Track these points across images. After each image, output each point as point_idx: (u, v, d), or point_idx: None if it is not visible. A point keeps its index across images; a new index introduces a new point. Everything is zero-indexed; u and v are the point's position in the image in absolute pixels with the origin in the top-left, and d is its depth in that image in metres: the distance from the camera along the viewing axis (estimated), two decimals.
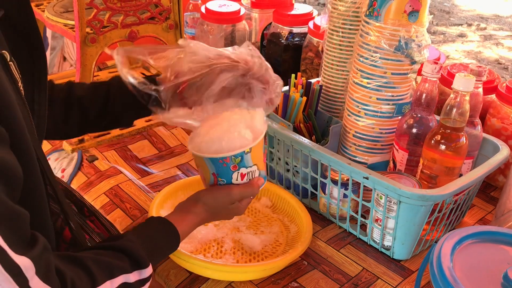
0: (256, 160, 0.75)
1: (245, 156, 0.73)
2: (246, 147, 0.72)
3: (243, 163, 0.73)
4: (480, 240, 0.70)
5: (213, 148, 0.72)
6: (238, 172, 0.74)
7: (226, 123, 0.73)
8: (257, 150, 0.75)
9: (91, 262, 0.60)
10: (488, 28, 4.57)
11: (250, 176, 0.76)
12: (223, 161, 0.72)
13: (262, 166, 0.77)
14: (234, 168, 0.73)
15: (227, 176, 0.74)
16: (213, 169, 0.73)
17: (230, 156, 0.72)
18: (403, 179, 0.89)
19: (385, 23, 0.88)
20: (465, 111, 0.84)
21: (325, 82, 1.09)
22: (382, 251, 0.93)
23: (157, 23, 1.21)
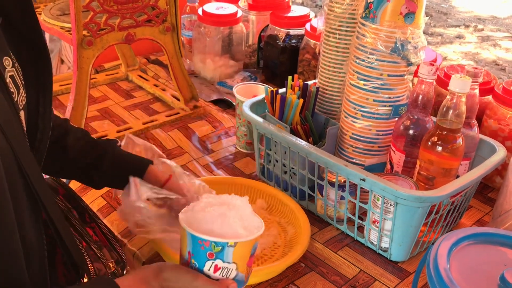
0: (237, 259, 0.67)
1: (227, 248, 0.66)
2: (231, 239, 0.66)
3: (221, 254, 0.66)
4: (477, 241, 0.70)
5: (200, 226, 0.67)
6: (213, 263, 0.66)
7: (226, 207, 0.69)
8: (243, 249, 0.67)
9: None
10: (485, 29, 4.58)
11: (225, 273, 0.67)
12: (202, 243, 0.66)
13: (242, 269, 0.69)
14: (210, 255, 0.66)
15: (201, 261, 0.67)
16: (190, 247, 0.67)
17: (211, 241, 0.65)
18: (400, 181, 0.89)
19: (381, 25, 0.88)
20: (461, 113, 0.84)
21: (322, 84, 1.09)
22: (379, 252, 0.93)
23: (154, 25, 1.21)
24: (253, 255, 0.69)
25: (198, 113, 1.34)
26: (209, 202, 0.70)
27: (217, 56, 1.51)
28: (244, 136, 1.21)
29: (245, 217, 0.69)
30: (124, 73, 1.53)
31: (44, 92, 0.70)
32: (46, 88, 0.70)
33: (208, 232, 0.66)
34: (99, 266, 0.78)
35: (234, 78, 1.49)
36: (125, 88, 1.49)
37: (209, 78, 1.53)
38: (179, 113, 1.34)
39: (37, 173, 0.63)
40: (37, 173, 0.63)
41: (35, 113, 0.68)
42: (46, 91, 0.70)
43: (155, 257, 0.92)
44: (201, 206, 0.69)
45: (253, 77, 1.50)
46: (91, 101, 1.38)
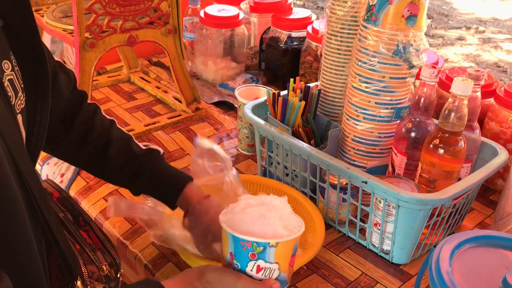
0: (279, 259, 0.68)
1: (268, 248, 0.66)
2: (273, 240, 0.66)
3: (263, 255, 0.66)
4: (479, 244, 0.70)
5: (240, 227, 0.67)
6: (255, 263, 0.67)
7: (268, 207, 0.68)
8: (284, 248, 0.68)
9: None
10: (486, 31, 4.58)
11: (267, 273, 0.68)
12: (243, 244, 0.66)
13: (285, 269, 0.69)
14: (252, 256, 0.67)
15: (243, 262, 0.67)
16: (232, 248, 0.68)
17: (252, 242, 0.66)
18: (401, 183, 0.89)
19: (383, 27, 0.88)
20: (463, 115, 0.84)
21: (323, 86, 1.09)
22: (381, 255, 0.93)
23: (156, 27, 1.22)
24: (294, 254, 0.69)
25: (199, 115, 1.34)
26: (248, 203, 0.69)
27: (218, 58, 1.51)
28: (245, 138, 1.21)
29: (285, 216, 0.68)
30: (126, 75, 1.53)
31: (41, 100, 0.69)
32: (43, 96, 0.70)
33: (249, 233, 0.66)
34: (92, 268, 0.78)
35: (236, 80, 1.50)
36: (127, 90, 1.49)
37: (211, 80, 1.53)
38: (181, 115, 1.34)
39: (34, 177, 0.64)
40: (34, 177, 0.64)
41: (32, 120, 0.68)
42: (43, 99, 0.70)
43: (157, 259, 0.92)
44: (241, 207, 0.69)
45: (255, 79, 1.50)
46: None
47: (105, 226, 1.00)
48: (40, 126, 0.70)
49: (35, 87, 0.68)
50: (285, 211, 0.69)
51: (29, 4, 0.67)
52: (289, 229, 0.68)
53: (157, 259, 0.91)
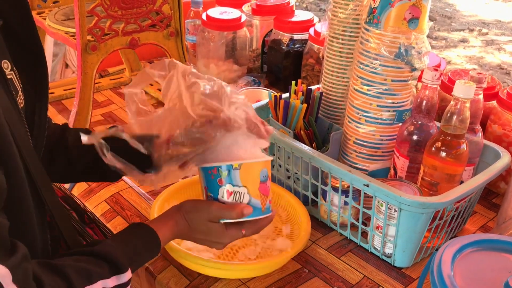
0: (246, 182, 0.71)
1: (232, 171, 0.69)
2: (235, 161, 0.69)
3: (229, 178, 0.70)
4: (481, 248, 0.70)
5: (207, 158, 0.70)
6: (224, 188, 0.71)
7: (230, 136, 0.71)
8: (249, 171, 0.71)
9: (70, 269, 0.61)
10: (490, 33, 4.57)
11: (237, 197, 0.71)
12: (211, 172, 0.70)
13: (255, 194, 0.72)
14: (220, 182, 0.70)
15: (214, 190, 0.71)
16: (204, 182, 0.72)
17: (217, 167, 0.69)
18: (404, 186, 0.88)
19: (385, 30, 0.88)
20: (465, 118, 0.84)
21: (325, 89, 1.09)
22: (383, 258, 0.92)
23: (158, 30, 1.22)
24: (264, 182, 0.73)
25: None
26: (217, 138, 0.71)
27: (220, 60, 1.51)
28: None
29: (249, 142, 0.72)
30: (128, 78, 1.54)
31: (40, 101, 0.70)
32: (42, 96, 0.70)
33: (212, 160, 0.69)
34: None
35: (238, 83, 1.49)
36: None
37: None
38: None
39: (41, 174, 0.64)
40: (41, 174, 0.64)
41: (31, 121, 0.68)
42: (42, 100, 0.70)
43: (158, 262, 0.91)
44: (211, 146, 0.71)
45: (257, 82, 1.50)
46: (95, 105, 1.38)
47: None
48: (40, 127, 0.70)
49: (34, 87, 0.69)
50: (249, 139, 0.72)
51: (28, 4, 0.67)
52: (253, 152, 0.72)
53: (158, 262, 0.91)
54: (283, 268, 0.90)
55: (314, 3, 5.15)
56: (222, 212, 0.72)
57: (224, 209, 0.71)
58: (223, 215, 0.72)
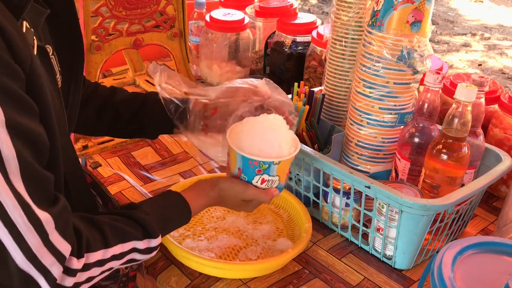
0: (280, 173, 0.81)
1: (272, 166, 0.79)
2: (277, 159, 0.79)
3: (268, 170, 0.79)
4: (481, 250, 0.70)
5: (249, 148, 0.78)
6: (261, 177, 0.80)
7: (270, 129, 0.80)
8: (285, 164, 0.81)
9: (107, 226, 0.67)
10: (492, 37, 4.57)
11: (269, 184, 0.81)
12: (252, 162, 0.78)
13: (283, 179, 0.83)
14: (259, 171, 0.79)
15: (250, 176, 0.80)
16: (240, 164, 0.79)
17: (260, 161, 0.78)
18: (405, 189, 0.89)
19: (387, 33, 0.89)
20: (467, 121, 0.84)
21: (328, 91, 1.10)
22: (383, 260, 0.93)
23: (162, 31, 1.22)
24: (290, 167, 0.84)
25: None
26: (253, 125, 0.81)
27: (223, 62, 1.51)
28: None
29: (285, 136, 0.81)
30: (132, 78, 1.54)
31: (75, 82, 0.76)
32: (77, 79, 0.77)
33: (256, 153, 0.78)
34: None
35: None
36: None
37: (216, 84, 1.53)
38: None
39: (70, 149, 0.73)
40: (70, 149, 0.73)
41: (65, 101, 0.75)
42: (77, 82, 0.77)
43: (159, 262, 0.92)
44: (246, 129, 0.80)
45: None
46: None
47: None
48: (73, 107, 0.77)
49: (70, 70, 0.75)
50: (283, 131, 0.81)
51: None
52: (288, 148, 0.80)
53: (160, 261, 0.92)
54: (284, 268, 0.90)
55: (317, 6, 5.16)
56: (258, 196, 0.81)
57: (259, 195, 0.81)
58: (258, 198, 0.82)
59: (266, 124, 0.81)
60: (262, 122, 0.81)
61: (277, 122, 0.82)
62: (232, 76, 1.53)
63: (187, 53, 1.29)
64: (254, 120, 0.82)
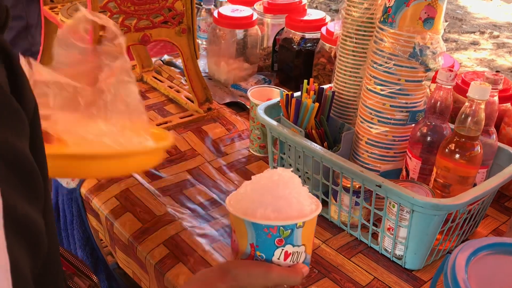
0: (305, 240, 0.62)
1: (296, 230, 0.59)
2: (300, 220, 0.59)
3: (291, 238, 0.60)
4: (495, 251, 0.69)
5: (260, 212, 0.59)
6: (283, 250, 0.60)
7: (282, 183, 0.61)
8: (310, 227, 0.62)
9: None
10: (501, 36, 4.53)
11: (295, 258, 0.62)
12: (268, 231, 0.59)
13: (309, 250, 0.64)
14: (279, 242, 0.60)
15: (269, 251, 0.60)
16: (253, 238, 0.60)
17: (279, 226, 0.59)
18: (416, 188, 0.87)
19: (399, 29, 0.87)
20: (480, 120, 0.83)
21: (337, 88, 1.08)
22: (393, 260, 0.92)
23: (170, 27, 1.21)
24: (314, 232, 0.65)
25: (211, 116, 1.34)
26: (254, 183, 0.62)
27: (231, 58, 1.50)
28: (257, 139, 1.20)
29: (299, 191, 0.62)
30: (139, 74, 1.53)
31: None
32: None
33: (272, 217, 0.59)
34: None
35: (248, 81, 1.49)
36: (139, 89, 1.48)
37: (223, 81, 1.52)
38: (193, 115, 1.34)
39: None
40: None
41: None
42: None
43: (167, 259, 0.91)
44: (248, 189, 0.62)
45: (267, 80, 1.49)
46: None
47: (115, 225, 1.00)
48: None
49: None
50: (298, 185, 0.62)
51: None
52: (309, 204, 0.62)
53: (167, 259, 0.91)
54: None
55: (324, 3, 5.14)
56: (285, 279, 0.61)
57: (286, 276, 0.61)
58: (286, 282, 0.62)
59: (276, 178, 0.62)
60: (270, 177, 0.62)
61: (288, 174, 0.63)
62: (239, 73, 1.52)
63: (195, 49, 1.28)
64: (258, 177, 0.63)
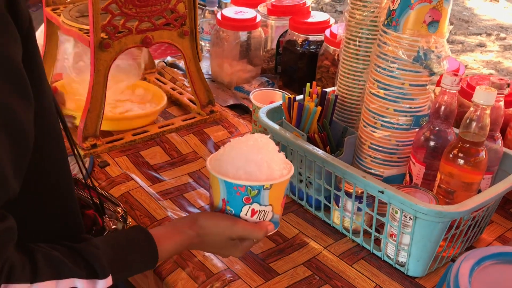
0: (273, 201, 0.68)
1: (263, 191, 0.66)
2: (267, 182, 0.66)
3: (258, 198, 0.66)
4: (500, 261, 0.67)
5: (233, 173, 0.66)
6: (250, 207, 0.67)
7: (256, 148, 0.68)
8: (278, 189, 0.68)
9: (40, 256, 0.54)
10: (508, 38, 4.50)
11: (262, 216, 0.68)
12: (237, 189, 0.66)
13: (277, 210, 0.70)
14: (247, 200, 0.66)
15: (237, 207, 0.67)
16: (224, 194, 0.66)
17: (247, 186, 0.65)
18: (419, 194, 0.86)
19: (403, 33, 0.86)
20: (485, 125, 0.82)
21: (341, 92, 1.07)
22: (396, 267, 0.90)
23: (172, 29, 1.21)
24: (285, 195, 0.71)
25: (214, 118, 1.33)
26: (235, 147, 0.69)
27: (234, 60, 1.49)
28: None
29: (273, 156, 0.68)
30: (142, 76, 1.52)
31: None
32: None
33: (242, 177, 0.66)
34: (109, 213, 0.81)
35: (252, 83, 1.48)
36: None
37: (226, 83, 1.51)
38: (195, 117, 1.33)
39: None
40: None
41: None
42: None
43: (166, 264, 0.90)
44: (227, 151, 0.68)
45: (271, 83, 1.48)
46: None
47: None
48: None
49: None
50: (271, 151, 0.69)
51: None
52: (280, 169, 0.68)
53: (166, 264, 0.90)
54: (294, 274, 0.88)
55: (330, 4, 5.12)
56: (249, 232, 0.68)
57: (250, 230, 0.68)
58: (250, 235, 0.68)
59: (250, 143, 0.69)
60: (245, 141, 0.69)
61: (264, 140, 0.70)
62: (243, 75, 1.51)
63: (197, 51, 1.27)
64: (237, 141, 0.71)
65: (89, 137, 1.16)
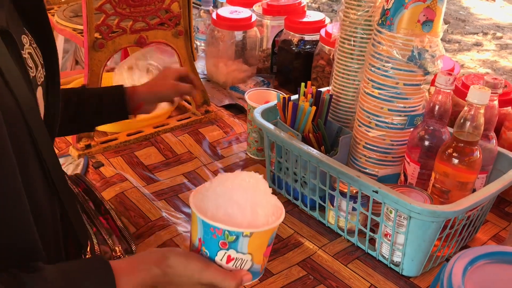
0: (253, 250, 0.61)
1: (241, 238, 0.59)
2: (247, 229, 0.59)
3: (235, 245, 0.60)
4: (494, 260, 0.67)
5: (212, 212, 0.60)
6: (226, 253, 0.60)
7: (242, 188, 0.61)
8: (260, 238, 0.61)
9: None
10: (504, 37, 4.51)
11: (238, 264, 0.61)
12: (214, 231, 0.59)
13: (258, 260, 0.63)
14: (223, 245, 0.60)
15: (213, 250, 0.61)
16: (201, 234, 0.61)
17: (224, 230, 0.59)
18: (413, 193, 0.86)
19: (398, 32, 0.86)
20: (479, 125, 0.81)
21: (335, 92, 1.07)
22: (391, 267, 0.90)
23: (166, 29, 1.20)
24: (270, 245, 0.63)
25: (209, 118, 1.33)
26: (221, 182, 0.62)
27: (230, 60, 1.49)
28: (255, 142, 1.19)
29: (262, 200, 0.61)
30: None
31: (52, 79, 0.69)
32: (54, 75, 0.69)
33: (221, 219, 0.59)
34: (105, 249, 0.81)
35: (247, 83, 1.48)
36: None
37: (221, 83, 1.51)
38: (190, 117, 1.32)
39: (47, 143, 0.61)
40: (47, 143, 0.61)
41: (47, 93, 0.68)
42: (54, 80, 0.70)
43: None
44: (213, 188, 0.62)
45: (266, 83, 1.48)
46: None
47: None
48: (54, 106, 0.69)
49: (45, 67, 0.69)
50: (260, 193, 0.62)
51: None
52: (266, 215, 0.61)
53: None
54: (288, 274, 0.88)
55: (326, 3, 5.12)
56: (220, 280, 0.61)
57: (222, 278, 0.61)
58: (220, 283, 0.61)
59: (237, 181, 0.62)
60: (233, 179, 0.62)
61: (253, 180, 0.62)
62: (238, 75, 1.50)
63: (192, 51, 1.27)
64: (225, 176, 0.63)
65: (84, 138, 1.16)
